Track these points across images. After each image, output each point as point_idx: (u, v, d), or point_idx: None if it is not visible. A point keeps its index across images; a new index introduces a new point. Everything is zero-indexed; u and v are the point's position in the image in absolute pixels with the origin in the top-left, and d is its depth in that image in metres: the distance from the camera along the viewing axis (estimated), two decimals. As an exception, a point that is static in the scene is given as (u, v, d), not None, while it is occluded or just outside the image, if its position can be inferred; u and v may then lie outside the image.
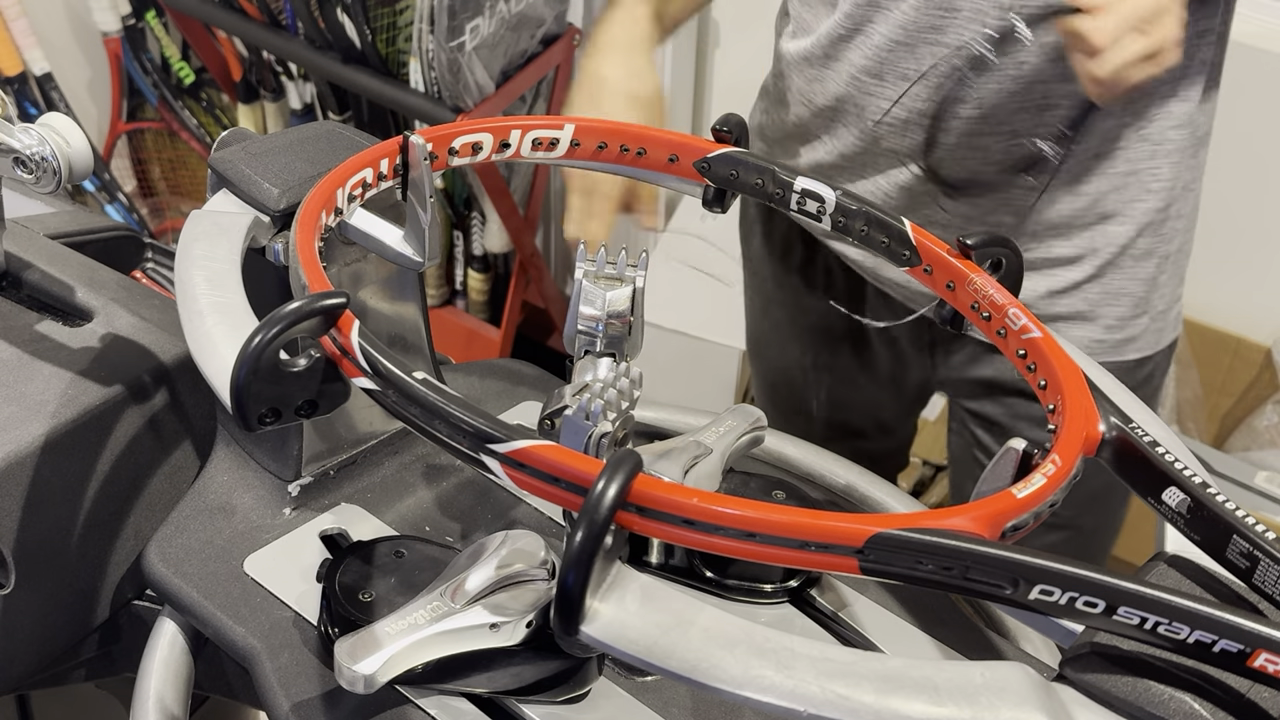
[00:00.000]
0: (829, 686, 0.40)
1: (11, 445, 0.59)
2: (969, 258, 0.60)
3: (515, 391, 0.75)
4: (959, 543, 0.41)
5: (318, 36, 1.87)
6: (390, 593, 0.55)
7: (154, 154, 2.36)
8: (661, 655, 0.41)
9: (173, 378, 0.66)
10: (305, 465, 0.65)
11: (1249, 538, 0.47)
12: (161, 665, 0.60)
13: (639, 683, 0.57)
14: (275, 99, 2.21)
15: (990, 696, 0.40)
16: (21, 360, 0.64)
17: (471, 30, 1.77)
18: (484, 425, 0.43)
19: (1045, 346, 0.55)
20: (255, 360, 0.45)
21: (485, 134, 0.62)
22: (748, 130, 0.66)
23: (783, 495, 0.64)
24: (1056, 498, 0.46)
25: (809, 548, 0.42)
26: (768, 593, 0.61)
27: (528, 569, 0.53)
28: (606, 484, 0.40)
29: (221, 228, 0.57)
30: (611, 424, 0.50)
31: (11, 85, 2.04)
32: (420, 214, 0.57)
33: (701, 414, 0.73)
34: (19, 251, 0.72)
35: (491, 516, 0.66)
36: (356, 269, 0.64)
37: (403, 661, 0.50)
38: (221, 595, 0.59)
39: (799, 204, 0.64)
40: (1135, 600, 0.41)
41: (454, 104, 1.81)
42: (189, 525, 0.63)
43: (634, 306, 0.56)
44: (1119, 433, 0.52)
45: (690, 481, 0.57)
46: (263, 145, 0.63)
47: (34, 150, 0.59)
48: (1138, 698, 0.44)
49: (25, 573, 0.61)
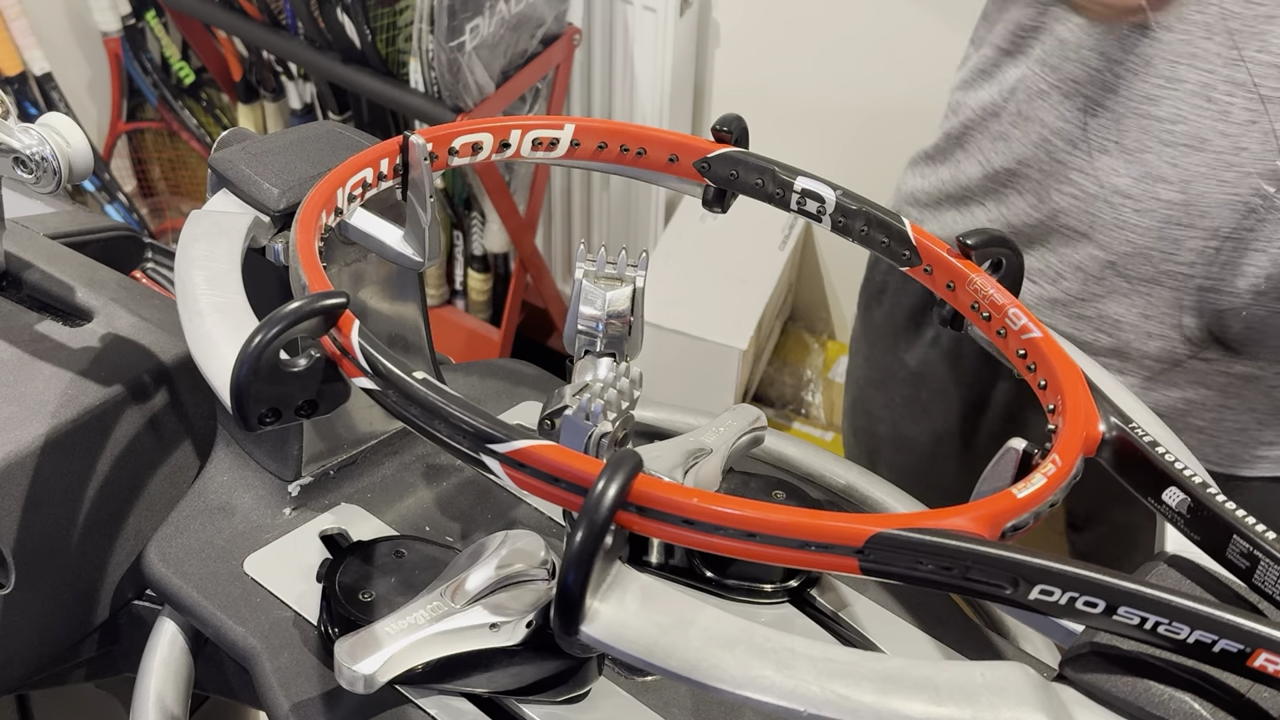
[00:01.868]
0: (829, 686, 0.40)
1: (11, 445, 0.59)
2: (969, 258, 0.60)
3: (515, 391, 0.75)
4: (959, 543, 0.41)
5: (318, 36, 1.87)
6: (390, 593, 0.55)
7: (154, 154, 2.36)
8: (661, 655, 0.41)
9: (173, 378, 0.66)
10: (305, 465, 0.65)
11: (1249, 538, 0.47)
12: (161, 665, 0.60)
13: (639, 683, 0.57)
14: (275, 99, 2.21)
15: (990, 696, 0.40)
16: (21, 360, 0.64)
17: (471, 30, 1.77)
18: (484, 425, 0.43)
19: (1045, 346, 0.55)
20: (255, 360, 0.45)
21: (485, 134, 0.62)
22: (747, 130, 0.66)
23: (783, 495, 0.64)
24: (1056, 498, 0.46)
25: (809, 548, 0.42)
26: (768, 593, 0.61)
27: (528, 569, 0.53)
28: (606, 484, 0.40)
29: (221, 228, 0.57)
30: (611, 424, 0.50)
31: (11, 85, 2.04)
32: (420, 214, 0.57)
33: (701, 414, 0.73)
34: (19, 251, 0.72)
35: (491, 516, 0.66)
36: (356, 269, 0.64)
37: (403, 661, 0.50)
38: (221, 595, 0.59)
39: (799, 204, 0.64)
40: (1135, 600, 0.41)
41: (454, 104, 1.81)
42: (189, 525, 0.63)
43: (634, 306, 0.56)
44: (1119, 433, 0.52)
45: (690, 481, 0.57)
46: (263, 145, 0.63)
47: (34, 150, 0.59)
48: (1138, 698, 0.44)
49: (25, 573, 0.61)
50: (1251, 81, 0.76)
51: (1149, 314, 0.87)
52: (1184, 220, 0.82)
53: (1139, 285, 0.86)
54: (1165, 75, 0.78)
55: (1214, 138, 0.78)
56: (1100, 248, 0.86)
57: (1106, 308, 0.89)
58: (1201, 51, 0.76)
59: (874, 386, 1.18)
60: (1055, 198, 0.87)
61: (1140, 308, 0.88)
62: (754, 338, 2.03)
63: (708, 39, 2.12)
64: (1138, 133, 0.81)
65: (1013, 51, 0.89)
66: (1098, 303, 0.89)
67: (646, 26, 1.99)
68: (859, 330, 1.19)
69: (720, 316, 2.01)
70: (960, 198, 0.97)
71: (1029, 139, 0.88)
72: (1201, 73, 0.77)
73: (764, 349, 2.25)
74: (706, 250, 2.12)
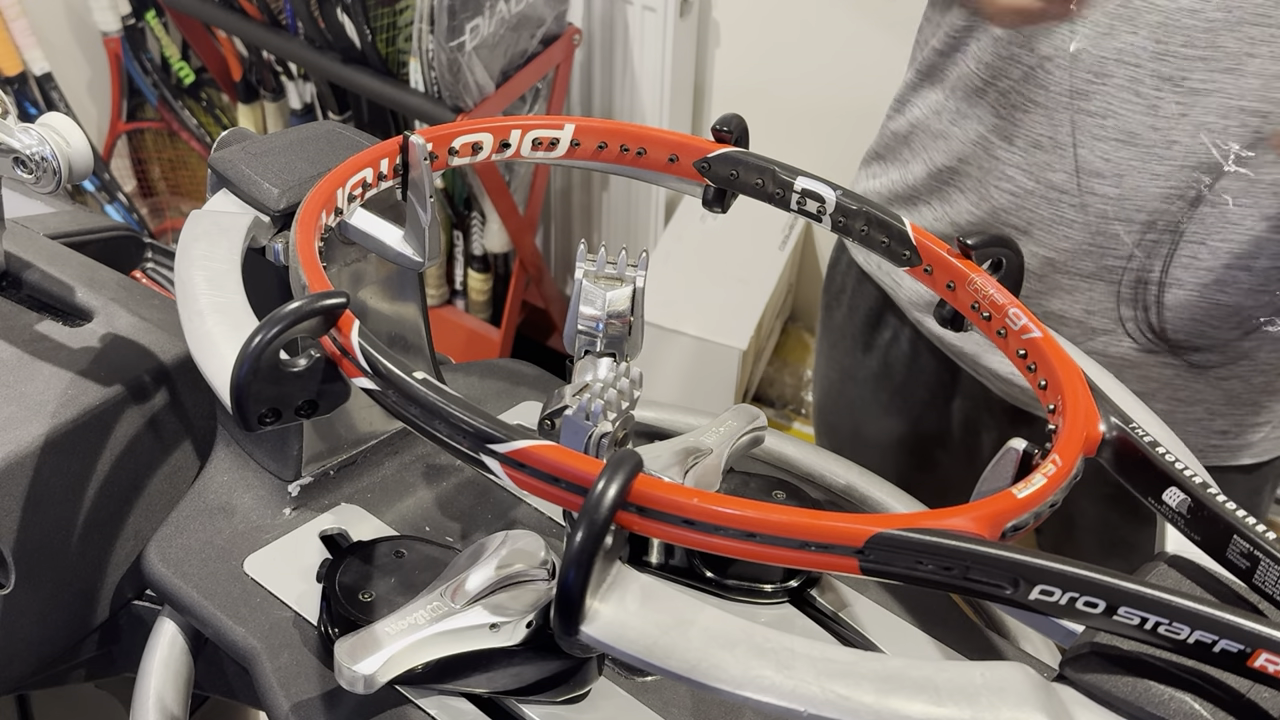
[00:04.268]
0: (829, 686, 0.40)
1: (11, 445, 0.59)
2: (969, 257, 0.60)
3: (515, 391, 0.74)
4: (959, 543, 0.41)
5: (318, 36, 1.88)
6: (390, 593, 0.55)
7: (154, 154, 2.37)
8: (661, 655, 0.41)
9: (173, 378, 0.66)
10: (305, 465, 0.65)
11: (1249, 538, 0.47)
12: (161, 665, 0.60)
13: (639, 683, 0.57)
14: (275, 99, 2.21)
15: (990, 696, 0.40)
16: (21, 360, 0.64)
17: (471, 30, 1.77)
18: (484, 425, 0.43)
19: (1045, 346, 0.55)
20: (255, 360, 0.45)
21: (485, 134, 0.62)
22: (747, 130, 0.66)
23: (783, 495, 0.64)
24: (1057, 498, 0.46)
25: (809, 548, 0.42)
26: (768, 593, 0.61)
27: (528, 569, 0.53)
28: (606, 484, 0.40)
29: (221, 228, 0.57)
30: (611, 424, 0.50)
31: (11, 85, 2.04)
32: (420, 214, 0.57)
33: (701, 414, 0.73)
34: (19, 251, 0.72)
35: (491, 516, 0.66)
36: (356, 269, 0.64)
37: (403, 661, 0.50)
38: (221, 595, 0.59)
39: (799, 204, 0.64)
40: (1135, 600, 0.41)
41: (454, 104, 1.81)
42: (189, 525, 0.63)
43: (634, 306, 0.56)
44: (1119, 433, 0.52)
45: (690, 481, 0.57)
46: (263, 145, 0.63)
47: (34, 150, 0.59)
48: (1138, 698, 0.44)
49: (25, 573, 0.61)
50: (1179, 76, 0.76)
51: (1091, 309, 0.88)
52: (1120, 215, 0.82)
53: (1080, 281, 0.87)
54: (1093, 71, 0.79)
55: (1144, 131, 0.78)
56: (1040, 245, 0.87)
57: (1050, 304, 0.90)
58: (1128, 46, 0.77)
59: (837, 387, 1.19)
60: (995, 195, 0.88)
61: (1083, 304, 0.88)
62: (754, 338, 2.03)
63: (708, 39, 2.12)
64: (1069, 128, 0.81)
65: (949, 52, 0.90)
66: (1041, 300, 0.90)
67: (646, 26, 1.99)
68: (821, 331, 1.20)
69: (720, 316, 2.01)
70: (909, 197, 0.98)
71: (968, 136, 0.89)
72: (1129, 67, 0.77)
73: (764, 349, 2.25)
74: (706, 250, 2.12)
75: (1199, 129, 0.77)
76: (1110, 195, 0.82)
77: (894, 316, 1.07)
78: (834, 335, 1.16)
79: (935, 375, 1.06)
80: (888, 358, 1.09)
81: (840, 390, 1.18)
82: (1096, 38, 0.78)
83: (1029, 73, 0.82)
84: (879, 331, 1.09)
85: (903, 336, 1.07)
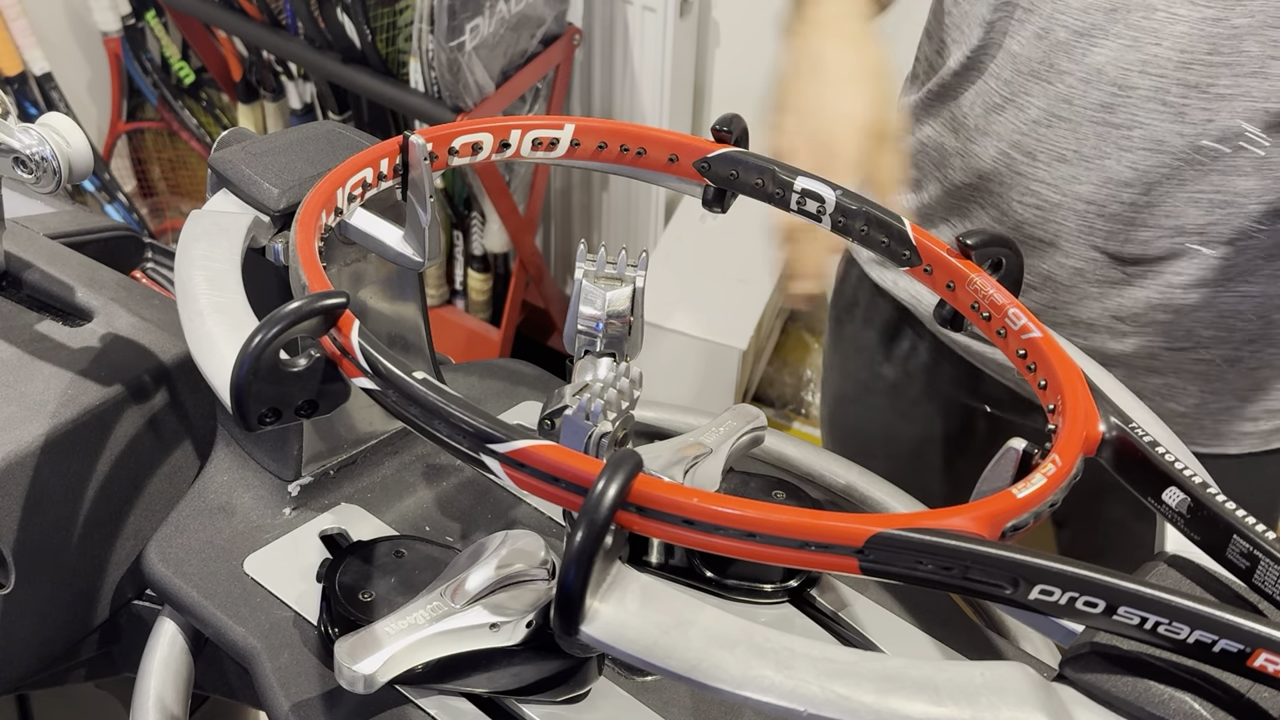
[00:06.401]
0: (829, 686, 0.40)
1: (11, 445, 0.59)
2: (969, 257, 0.60)
3: (515, 391, 0.75)
4: (959, 543, 0.41)
5: (318, 36, 1.87)
6: (390, 593, 0.55)
7: (154, 154, 2.36)
8: (661, 655, 0.41)
9: (173, 378, 0.66)
10: (305, 465, 0.65)
11: (1249, 538, 0.47)
12: (161, 665, 0.60)
13: (639, 683, 0.57)
14: (275, 99, 2.21)
15: (990, 696, 0.40)
16: (21, 360, 0.64)
17: (471, 30, 1.77)
18: (484, 425, 0.43)
19: (1045, 346, 0.55)
20: (255, 360, 0.45)
21: (485, 134, 0.62)
22: (747, 130, 0.66)
23: (783, 495, 0.64)
24: (1056, 498, 0.46)
25: (809, 548, 0.42)
26: (768, 593, 0.61)
27: (528, 569, 0.53)
28: (606, 484, 0.40)
29: (221, 228, 0.57)
30: (611, 424, 0.50)
31: (11, 85, 2.04)
32: (420, 214, 0.57)
33: (701, 414, 0.73)
34: (19, 251, 0.72)
35: (491, 516, 0.66)
36: (356, 269, 0.64)
37: (403, 661, 0.50)
38: (221, 595, 0.59)
39: (799, 204, 0.64)
40: (1135, 600, 0.41)
41: (454, 104, 1.81)
42: (189, 525, 0.63)
43: (634, 306, 0.56)
44: (1119, 433, 0.52)
45: (690, 481, 0.57)
46: (263, 145, 0.63)
47: (34, 150, 0.59)
48: (1138, 698, 0.44)
49: (25, 573, 0.61)
50: (1205, 83, 0.76)
51: (1120, 315, 0.88)
52: (1150, 222, 0.82)
53: (1109, 289, 0.87)
54: (1118, 84, 0.79)
55: (1171, 139, 0.78)
56: (1069, 256, 0.87)
57: (1079, 313, 0.89)
58: (1152, 58, 0.77)
59: (849, 400, 1.17)
60: (1018, 210, 0.87)
61: (1112, 310, 0.88)
62: (754, 338, 2.03)
63: (708, 39, 2.12)
64: (1094, 140, 0.81)
65: (964, 72, 0.90)
66: (1069, 309, 0.90)
67: (646, 26, 1.99)
68: (830, 344, 1.18)
69: (720, 316, 2.01)
70: (925, 217, 0.98)
71: (987, 154, 0.88)
72: (1153, 78, 0.77)
73: (764, 349, 2.25)
74: (706, 250, 2.12)
75: (1225, 133, 0.77)
76: (1139, 203, 0.82)
77: (912, 329, 1.06)
78: (846, 348, 1.15)
79: (957, 382, 1.06)
80: (907, 368, 1.08)
81: (854, 401, 1.17)
82: (1121, 50, 0.78)
83: (1050, 88, 0.82)
84: (897, 343, 1.08)
85: (921, 347, 1.06)
